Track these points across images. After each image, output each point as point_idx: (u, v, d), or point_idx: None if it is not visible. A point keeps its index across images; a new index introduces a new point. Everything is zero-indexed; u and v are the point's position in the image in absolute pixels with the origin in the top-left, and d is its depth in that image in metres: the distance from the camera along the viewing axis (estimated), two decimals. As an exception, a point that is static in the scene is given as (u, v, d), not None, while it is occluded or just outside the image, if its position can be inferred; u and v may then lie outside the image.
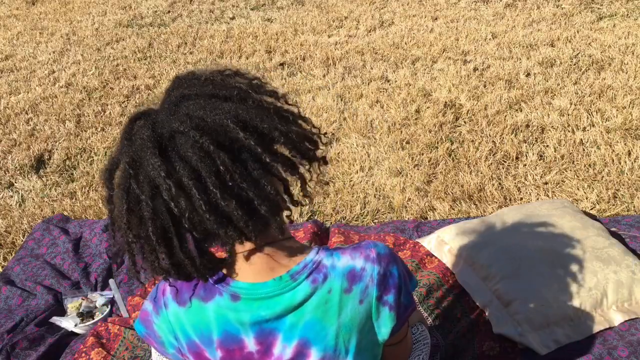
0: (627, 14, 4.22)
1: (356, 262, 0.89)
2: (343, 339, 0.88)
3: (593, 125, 2.81)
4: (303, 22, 4.93)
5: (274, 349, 0.90)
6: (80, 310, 1.93)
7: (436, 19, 4.65)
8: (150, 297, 0.98)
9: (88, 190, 2.79)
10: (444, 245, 1.94)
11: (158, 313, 0.95)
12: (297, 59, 4.17)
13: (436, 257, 1.95)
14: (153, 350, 1.09)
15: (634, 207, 2.22)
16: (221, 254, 0.90)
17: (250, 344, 0.90)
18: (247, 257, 0.88)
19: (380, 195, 2.49)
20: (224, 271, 0.89)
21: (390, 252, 0.93)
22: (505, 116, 2.98)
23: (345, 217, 2.39)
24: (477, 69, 3.60)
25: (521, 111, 3.03)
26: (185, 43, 4.77)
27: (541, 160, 2.60)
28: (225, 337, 0.90)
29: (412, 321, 1.34)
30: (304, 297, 0.87)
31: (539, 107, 3.04)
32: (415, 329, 1.33)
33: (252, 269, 0.88)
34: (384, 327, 0.91)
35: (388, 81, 3.62)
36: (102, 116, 3.61)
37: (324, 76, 3.81)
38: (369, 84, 3.58)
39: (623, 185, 2.35)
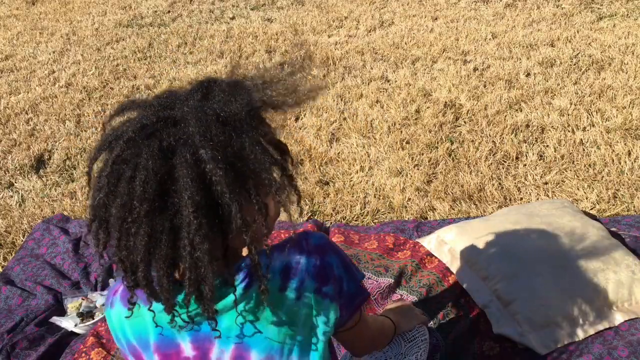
0: (627, 14, 4.22)
1: (290, 257, 0.86)
2: (285, 338, 0.85)
3: (593, 125, 2.81)
4: (303, 22, 4.93)
5: (210, 354, 0.88)
6: (80, 310, 1.93)
7: (436, 19, 4.65)
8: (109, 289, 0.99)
9: (88, 190, 2.79)
10: (444, 245, 1.94)
11: (105, 310, 0.96)
12: (297, 59, 4.17)
13: (436, 257, 1.95)
14: None
15: (634, 207, 2.22)
16: None
17: (187, 348, 0.88)
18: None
19: (380, 195, 2.49)
20: None
21: (327, 242, 0.90)
22: (505, 116, 2.98)
23: (345, 217, 2.39)
24: (477, 69, 3.60)
25: (521, 111, 3.03)
26: (185, 43, 4.77)
27: (541, 160, 2.60)
28: (161, 341, 0.89)
29: (412, 325, 1.33)
30: (237, 299, 0.84)
31: (539, 107, 3.04)
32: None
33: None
34: (328, 319, 0.88)
35: (388, 81, 3.62)
36: (102, 116, 3.61)
37: (324, 76, 3.81)
38: (369, 84, 3.58)
39: (623, 185, 2.35)
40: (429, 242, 2.00)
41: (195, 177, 0.73)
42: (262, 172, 0.78)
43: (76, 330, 1.88)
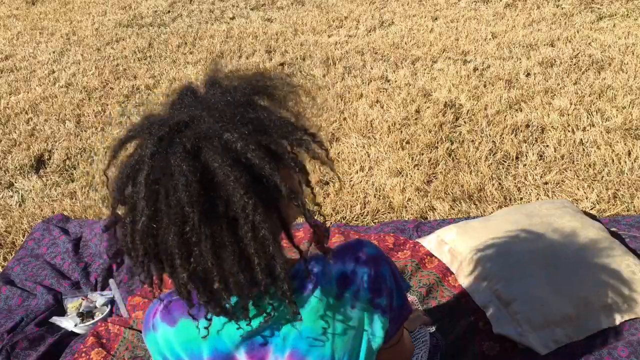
0: (627, 14, 4.22)
1: (346, 265, 0.86)
2: (338, 347, 0.85)
3: (593, 125, 2.81)
4: (303, 22, 4.93)
5: None
6: (80, 310, 1.93)
7: (436, 19, 4.65)
8: (146, 313, 0.96)
9: (88, 190, 2.79)
10: (444, 245, 1.93)
11: (146, 334, 0.93)
12: (297, 59, 4.17)
13: (436, 257, 1.95)
14: None
15: (634, 207, 2.22)
16: None
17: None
18: None
19: (380, 195, 2.49)
20: None
21: (380, 253, 0.90)
22: (505, 116, 2.98)
23: (345, 217, 2.39)
24: (477, 69, 3.60)
25: (521, 111, 3.03)
26: (185, 43, 4.77)
27: (541, 160, 2.60)
28: (215, 356, 0.88)
29: (414, 326, 1.33)
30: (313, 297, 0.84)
31: (539, 107, 3.04)
32: None
33: None
34: (377, 331, 0.88)
35: (388, 81, 3.62)
36: (102, 116, 3.61)
37: (324, 76, 3.81)
38: (369, 84, 3.58)
39: (623, 185, 2.35)
40: (429, 242, 2.00)
41: (232, 161, 0.72)
42: (288, 135, 0.79)
43: (76, 330, 1.89)
